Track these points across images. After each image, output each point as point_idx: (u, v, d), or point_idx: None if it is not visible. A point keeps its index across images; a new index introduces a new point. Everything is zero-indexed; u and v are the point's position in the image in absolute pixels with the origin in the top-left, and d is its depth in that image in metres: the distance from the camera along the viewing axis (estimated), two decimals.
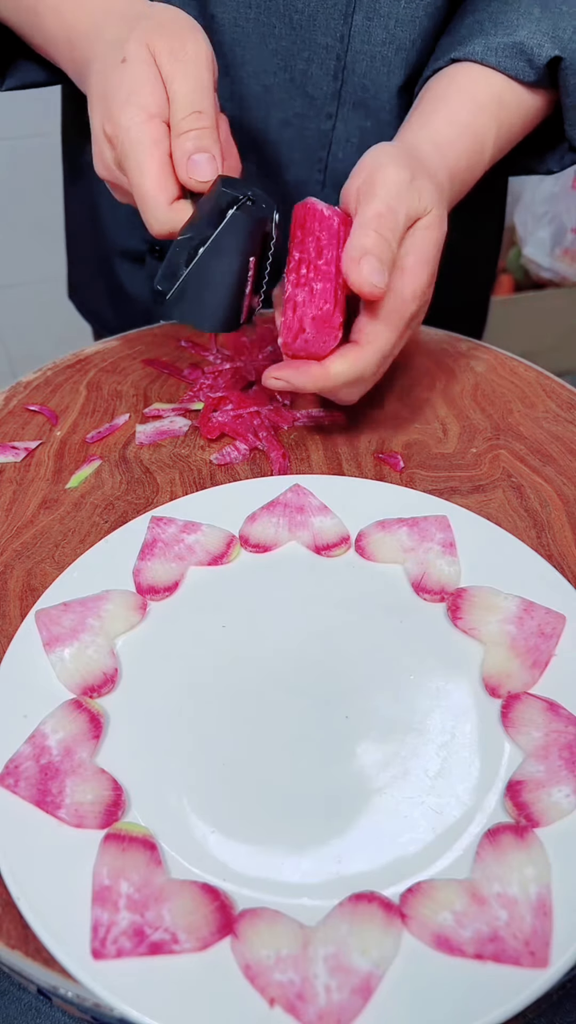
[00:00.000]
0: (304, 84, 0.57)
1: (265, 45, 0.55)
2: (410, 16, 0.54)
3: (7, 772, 0.31)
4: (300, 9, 0.54)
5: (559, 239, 1.69)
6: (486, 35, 0.50)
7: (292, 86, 0.57)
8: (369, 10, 0.54)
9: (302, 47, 0.55)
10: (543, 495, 0.46)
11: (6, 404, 0.53)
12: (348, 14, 0.54)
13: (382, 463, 0.48)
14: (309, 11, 0.54)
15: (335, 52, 0.55)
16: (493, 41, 0.49)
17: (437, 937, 0.27)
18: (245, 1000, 0.26)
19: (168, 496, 0.46)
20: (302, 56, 0.56)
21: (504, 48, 0.49)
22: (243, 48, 0.56)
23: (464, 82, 0.51)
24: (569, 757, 0.31)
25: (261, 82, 0.57)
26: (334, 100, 0.58)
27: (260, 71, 0.57)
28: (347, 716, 0.34)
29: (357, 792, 0.31)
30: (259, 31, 0.55)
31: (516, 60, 0.49)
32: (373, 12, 0.54)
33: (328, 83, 0.57)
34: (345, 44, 0.55)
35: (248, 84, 0.58)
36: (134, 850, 0.29)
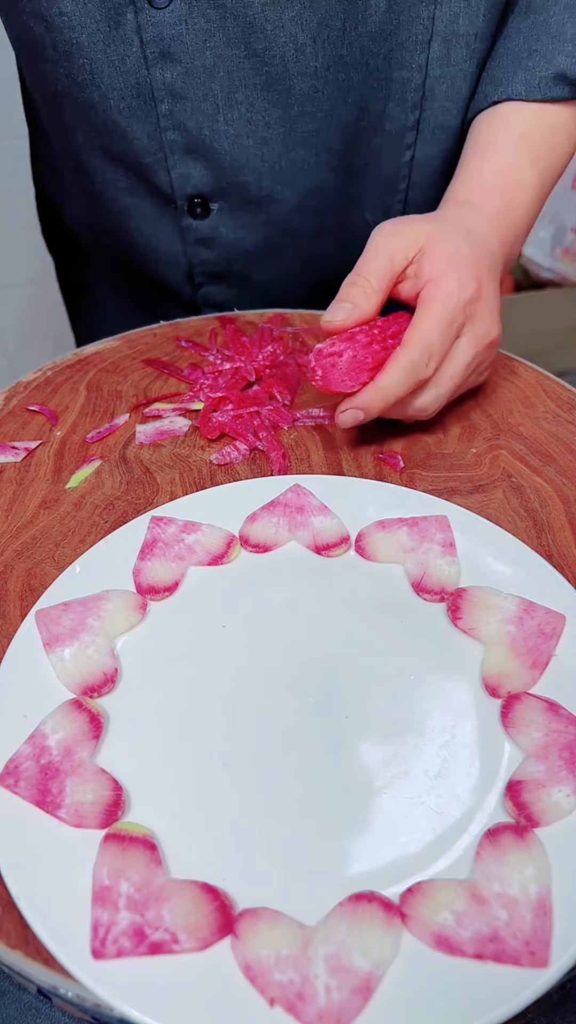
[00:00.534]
0: (381, 123, 0.55)
1: (344, 100, 0.53)
2: (487, 30, 0.52)
3: (7, 772, 0.31)
4: (375, 52, 0.51)
5: (559, 239, 1.69)
6: (525, 69, 0.49)
7: (371, 130, 0.56)
8: (447, 33, 0.51)
9: (379, 88, 0.53)
10: (543, 495, 0.46)
11: (6, 404, 0.53)
12: (426, 43, 0.52)
13: (382, 463, 0.48)
14: (385, 52, 0.51)
15: (413, 84, 0.54)
16: (534, 76, 0.49)
17: (437, 937, 0.27)
18: (245, 1000, 0.26)
19: (168, 496, 0.46)
20: (378, 97, 0.54)
21: (545, 82, 0.49)
22: (323, 112, 0.53)
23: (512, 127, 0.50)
24: (569, 757, 0.31)
25: (343, 139, 0.55)
26: (413, 130, 0.56)
27: (342, 128, 0.54)
28: (347, 716, 0.34)
29: (357, 792, 0.31)
30: (337, 88, 0.52)
31: (560, 87, 0.49)
32: (451, 35, 0.52)
33: (407, 116, 0.55)
34: (423, 74, 0.53)
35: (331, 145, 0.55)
36: (134, 850, 0.29)
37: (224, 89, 0.51)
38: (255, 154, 0.55)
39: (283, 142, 0.55)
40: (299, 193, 0.58)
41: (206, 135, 0.54)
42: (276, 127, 0.54)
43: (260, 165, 0.56)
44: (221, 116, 0.53)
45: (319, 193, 0.58)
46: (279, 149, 0.55)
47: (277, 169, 0.56)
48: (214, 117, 0.53)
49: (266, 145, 0.55)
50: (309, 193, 0.58)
